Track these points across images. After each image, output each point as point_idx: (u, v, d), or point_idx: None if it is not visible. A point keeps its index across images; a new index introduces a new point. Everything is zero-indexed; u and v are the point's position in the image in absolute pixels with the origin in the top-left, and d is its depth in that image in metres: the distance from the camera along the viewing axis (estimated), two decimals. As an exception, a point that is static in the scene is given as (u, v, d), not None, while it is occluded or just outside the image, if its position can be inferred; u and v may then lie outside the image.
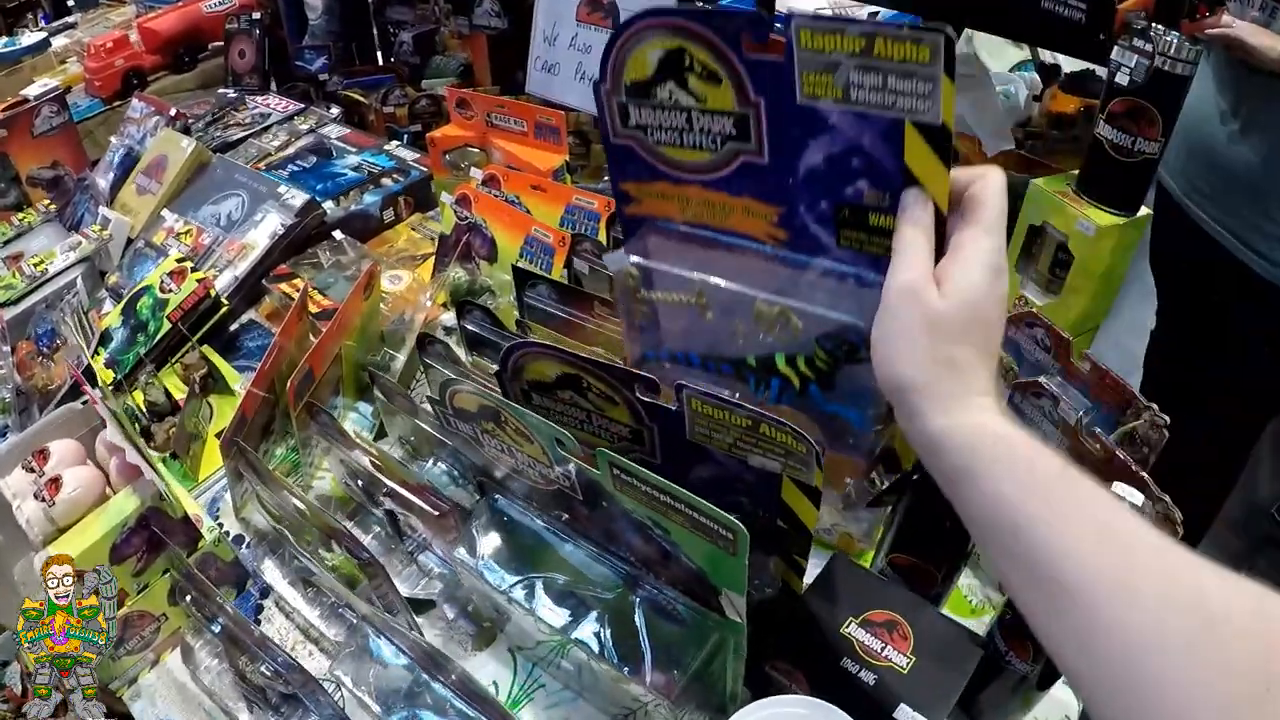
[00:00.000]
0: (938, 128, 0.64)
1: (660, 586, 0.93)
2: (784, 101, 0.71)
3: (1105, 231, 1.30)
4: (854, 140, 0.69)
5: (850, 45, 0.65)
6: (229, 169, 1.95)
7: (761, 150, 0.75)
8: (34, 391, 1.63)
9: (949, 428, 0.61)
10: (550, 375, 0.93)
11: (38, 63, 2.96)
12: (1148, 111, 1.24)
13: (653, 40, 0.74)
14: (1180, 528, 0.98)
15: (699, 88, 0.75)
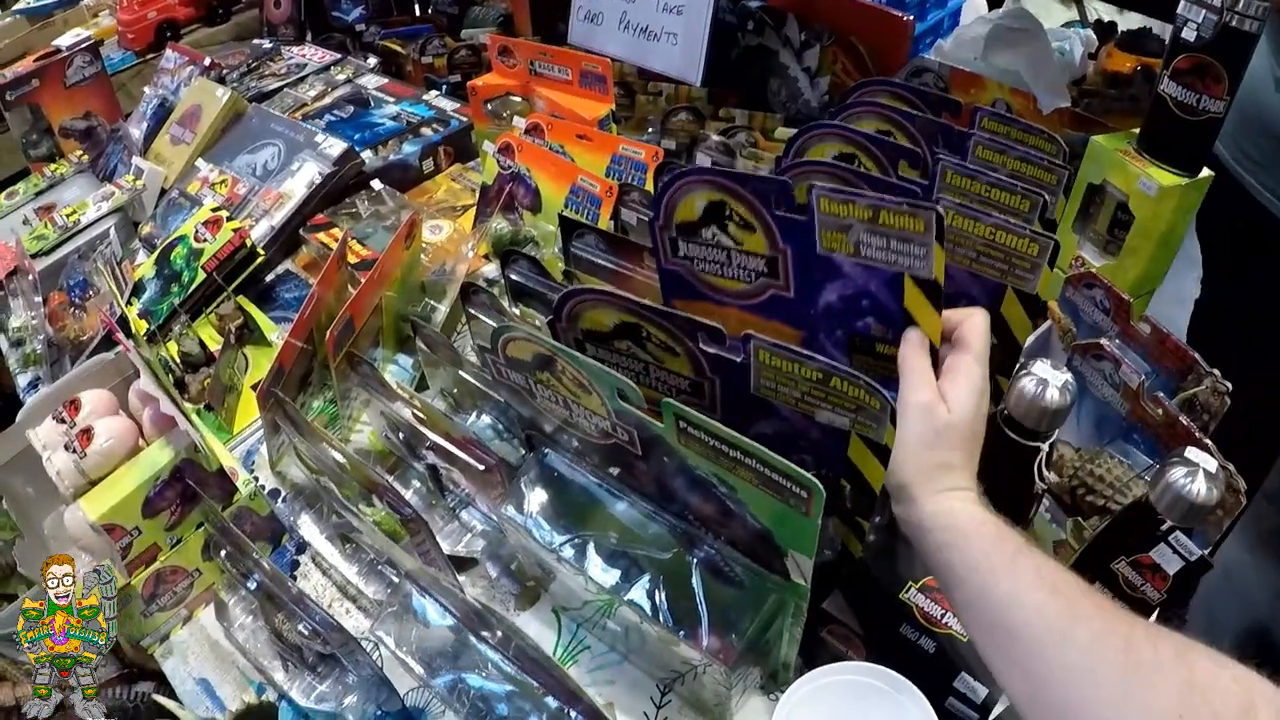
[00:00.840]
0: (930, 281, 0.79)
1: (719, 547, 0.87)
2: (807, 251, 0.84)
3: (1167, 191, 1.24)
4: (863, 286, 0.83)
5: (860, 213, 0.79)
6: (265, 118, 1.90)
7: (788, 286, 0.88)
8: (66, 343, 1.60)
9: (936, 511, 0.74)
10: (608, 324, 0.87)
11: (69, 16, 2.92)
12: (1214, 68, 1.18)
13: (699, 191, 0.87)
14: (1244, 497, 0.92)
15: (737, 233, 0.87)
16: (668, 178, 0.89)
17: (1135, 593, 0.83)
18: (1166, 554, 0.81)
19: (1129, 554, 0.83)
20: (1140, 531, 0.82)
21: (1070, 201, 1.38)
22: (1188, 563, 0.81)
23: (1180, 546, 0.80)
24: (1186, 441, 0.96)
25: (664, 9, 1.82)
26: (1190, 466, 0.79)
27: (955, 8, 3.38)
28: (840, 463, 0.83)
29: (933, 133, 1.08)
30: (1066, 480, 1.05)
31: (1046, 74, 1.61)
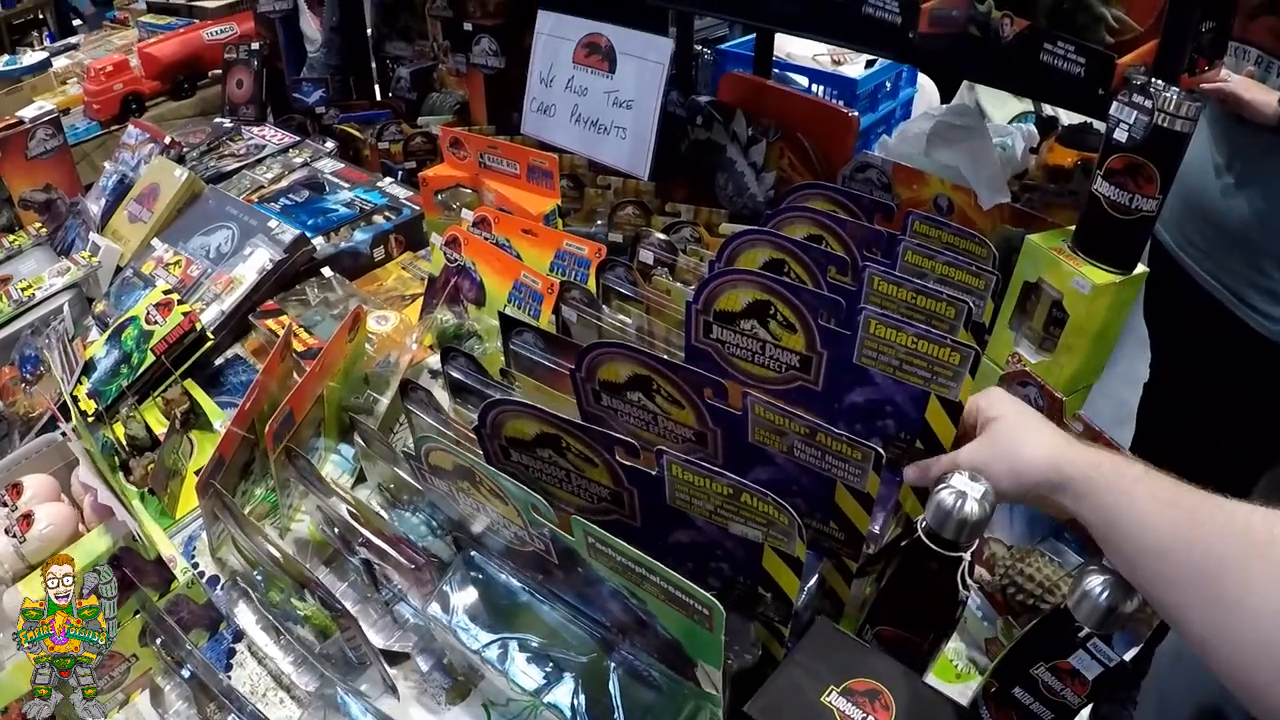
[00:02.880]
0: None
1: (636, 652, 0.91)
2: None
3: (1101, 290, 1.28)
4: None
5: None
6: (221, 200, 1.94)
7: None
8: (15, 418, 1.61)
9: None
10: (529, 434, 0.92)
11: (38, 82, 2.96)
12: (1146, 168, 1.21)
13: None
14: None
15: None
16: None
17: (1055, 697, 0.86)
18: (1085, 660, 0.84)
19: (1048, 659, 0.86)
20: (1059, 638, 0.85)
21: (1007, 298, 1.42)
22: (1106, 668, 0.84)
23: (1099, 653, 0.84)
24: None
25: (614, 103, 1.89)
26: (1107, 575, 0.82)
27: (906, 98, 3.51)
28: (756, 572, 0.87)
29: (864, 237, 1.13)
30: (998, 579, 1.10)
31: (987, 170, 1.67)
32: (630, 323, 1.27)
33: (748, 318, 0.99)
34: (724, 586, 0.89)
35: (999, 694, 0.90)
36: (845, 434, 0.84)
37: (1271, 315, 1.79)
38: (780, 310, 0.96)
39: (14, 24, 5.17)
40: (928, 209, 1.68)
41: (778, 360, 0.99)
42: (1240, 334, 1.83)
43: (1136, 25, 1.27)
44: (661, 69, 1.78)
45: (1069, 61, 1.29)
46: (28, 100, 2.85)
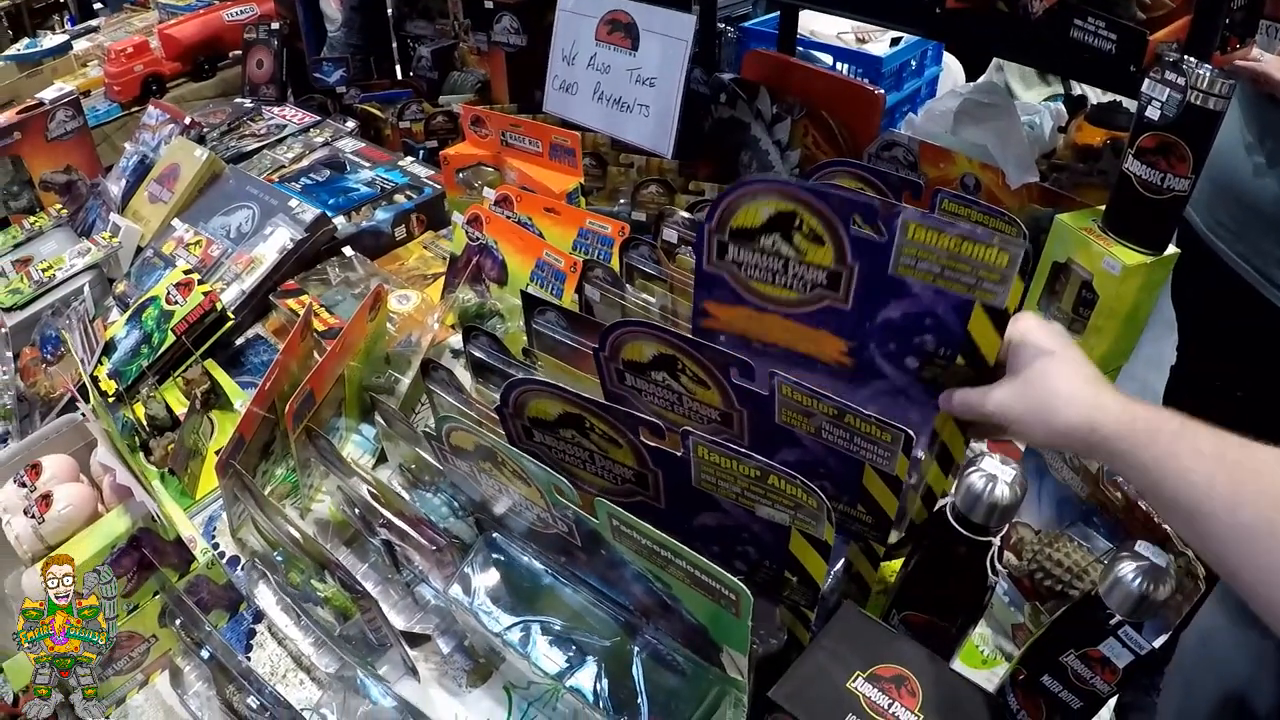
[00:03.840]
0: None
1: (660, 636, 0.89)
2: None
3: (1131, 271, 1.25)
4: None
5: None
6: (241, 180, 1.93)
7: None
8: (36, 399, 1.61)
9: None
10: (552, 414, 0.90)
11: (58, 65, 2.96)
12: (1178, 147, 1.18)
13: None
14: (1203, 582, 0.95)
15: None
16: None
17: (1085, 685, 0.85)
18: (1116, 648, 0.83)
19: (1078, 647, 0.85)
20: (1089, 625, 0.84)
21: (1035, 279, 1.40)
22: (1137, 656, 0.82)
23: (1130, 640, 0.82)
24: (1145, 526, 0.99)
25: (637, 81, 1.86)
26: (1140, 561, 0.80)
27: (931, 77, 3.47)
28: (783, 556, 0.85)
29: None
30: (1025, 564, 1.08)
31: (1015, 149, 1.65)
32: (654, 301, 1.25)
33: (769, 233, 0.89)
34: (750, 570, 0.87)
35: (1027, 681, 0.88)
36: (874, 415, 0.81)
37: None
38: (807, 221, 0.87)
39: (35, 7, 5.18)
40: (955, 188, 1.64)
41: (802, 279, 0.90)
42: (1269, 316, 1.80)
43: (1168, 1, 1.24)
44: (685, 45, 1.76)
45: (1100, 38, 1.26)
46: (49, 83, 2.85)
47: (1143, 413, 0.76)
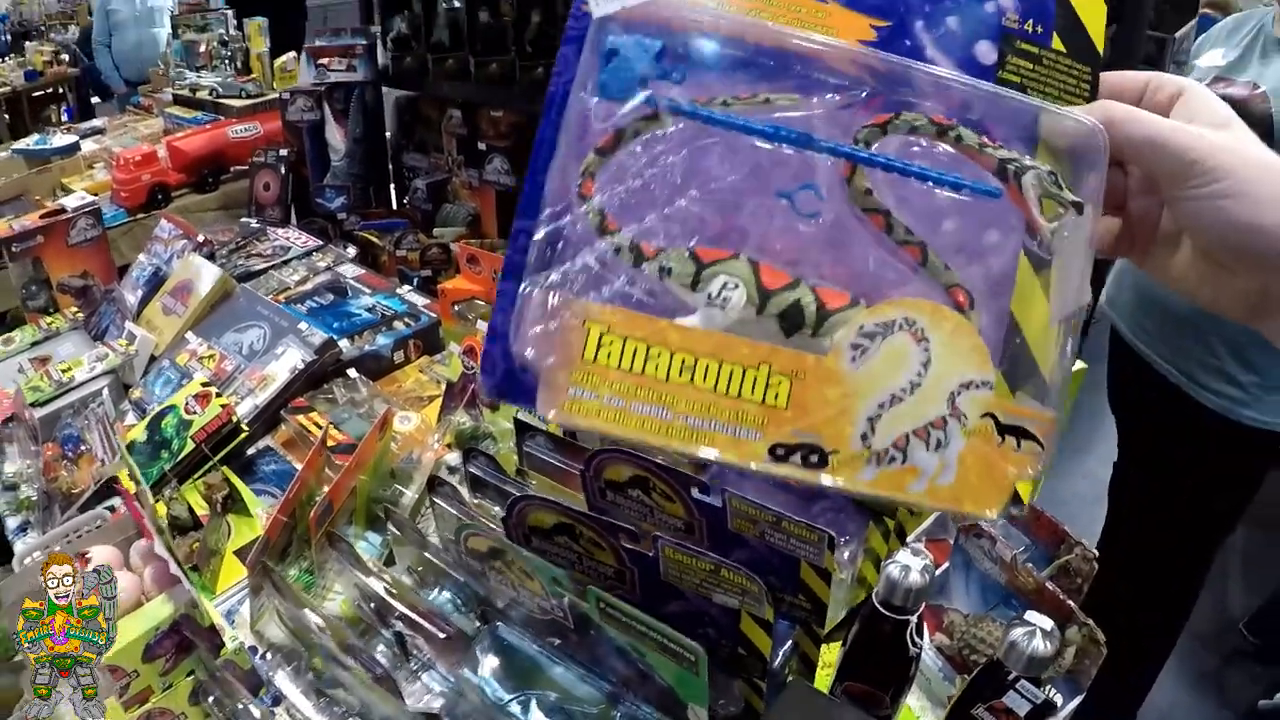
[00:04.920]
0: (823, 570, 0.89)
1: (638, 703, 1.14)
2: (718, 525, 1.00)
3: None
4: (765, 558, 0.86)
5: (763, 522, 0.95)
6: (252, 300, 2.19)
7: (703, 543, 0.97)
8: (57, 493, 1.83)
9: None
10: (548, 523, 1.15)
11: (66, 165, 3.22)
12: None
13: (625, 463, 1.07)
14: (1104, 648, 1.22)
15: (660, 500, 1.05)
16: (597, 451, 1.12)
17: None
18: (1016, 699, 1.06)
19: (985, 700, 1.08)
20: (994, 682, 1.08)
21: None
22: (1034, 705, 1.06)
23: (1026, 693, 1.05)
24: (1053, 604, 1.24)
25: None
26: (1028, 627, 1.05)
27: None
28: (735, 635, 1.08)
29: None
30: (955, 643, 1.33)
31: None
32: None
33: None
34: (711, 649, 1.12)
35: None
36: (804, 520, 1.00)
37: (1223, 393, 2.07)
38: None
39: (33, 97, 5.49)
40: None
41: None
42: (1195, 412, 2.12)
43: None
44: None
45: None
46: (56, 181, 3.12)
47: None
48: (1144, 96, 0.64)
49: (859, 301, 0.58)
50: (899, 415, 0.56)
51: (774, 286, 0.58)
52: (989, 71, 0.64)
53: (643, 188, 0.61)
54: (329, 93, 2.76)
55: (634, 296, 0.59)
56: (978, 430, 0.57)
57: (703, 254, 0.59)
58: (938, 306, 0.57)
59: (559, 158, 0.62)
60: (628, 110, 0.60)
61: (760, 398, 0.55)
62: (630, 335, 0.56)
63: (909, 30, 0.65)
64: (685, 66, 0.62)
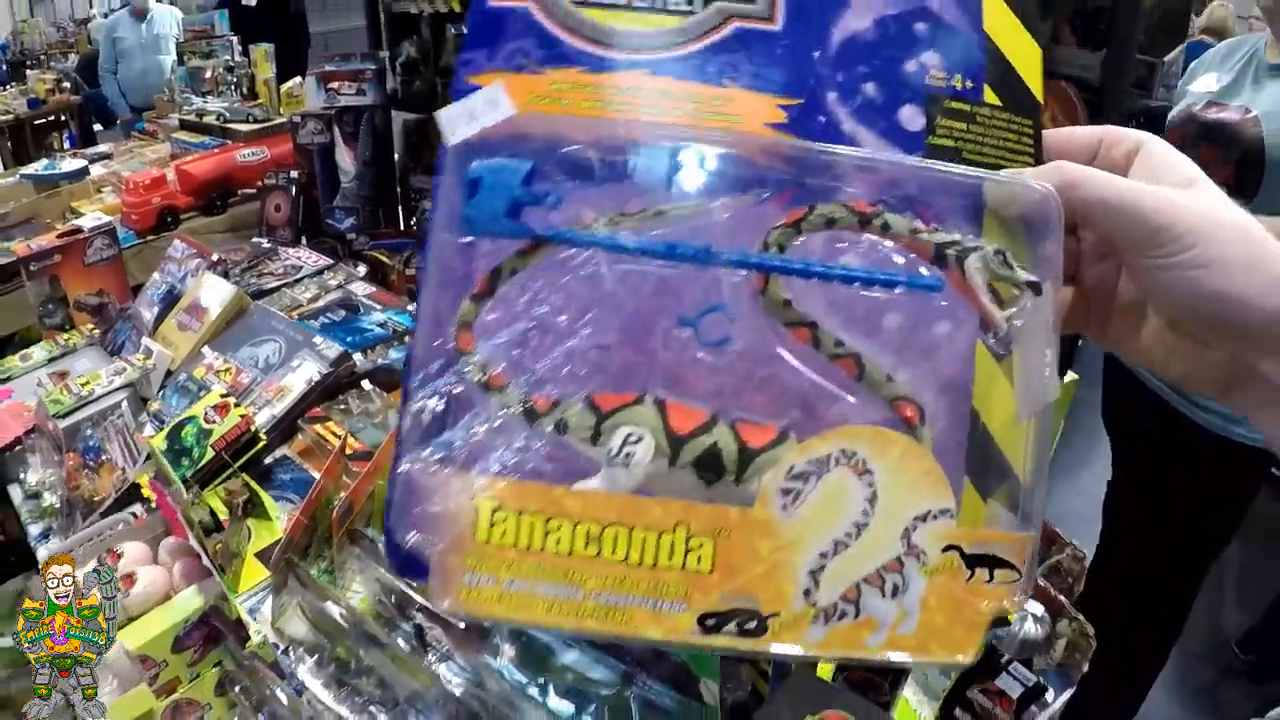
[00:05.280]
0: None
1: (651, 682, 1.22)
2: None
3: None
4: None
5: None
6: (266, 316, 2.27)
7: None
8: (79, 500, 1.91)
9: None
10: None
11: (75, 189, 3.31)
12: None
13: None
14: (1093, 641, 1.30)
15: None
16: None
17: (988, 714, 1.15)
18: (1008, 681, 1.13)
19: (979, 683, 1.16)
20: (987, 665, 1.15)
21: None
22: (1025, 688, 1.14)
23: (1018, 675, 1.13)
24: (1044, 598, 1.31)
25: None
26: (1020, 612, 1.12)
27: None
28: None
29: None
30: None
31: None
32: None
33: None
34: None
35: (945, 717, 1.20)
36: None
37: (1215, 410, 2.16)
38: None
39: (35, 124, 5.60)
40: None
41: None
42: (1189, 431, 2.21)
43: None
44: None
45: None
46: (65, 204, 3.22)
47: None
48: (1098, 153, 0.58)
49: (788, 435, 0.51)
50: (846, 563, 0.49)
51: (686, 431, 0.51)
52: (918, 139, 0.57)
53: (529, 333, 0.54)
54: (339, 116, 2.86)
55: (531, 461, 0.52)
56: (941, 567, 0.50)
57: (601, 402, 0.52)
58: (879, 431, 0.50)
59: (428, 310, 0.55)
60: (500, 246, 0.54)
61: (680, 563, 0.49)
62: (524, 509, 0.49)
63: (822, 105, 0.58)
64: (561, 186, 0.54)
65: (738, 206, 0.54)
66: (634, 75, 0.57)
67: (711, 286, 0.53)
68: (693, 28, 0.58)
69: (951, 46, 0.58)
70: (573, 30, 0.58)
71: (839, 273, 0.52)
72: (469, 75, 0.57)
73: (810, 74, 0.58)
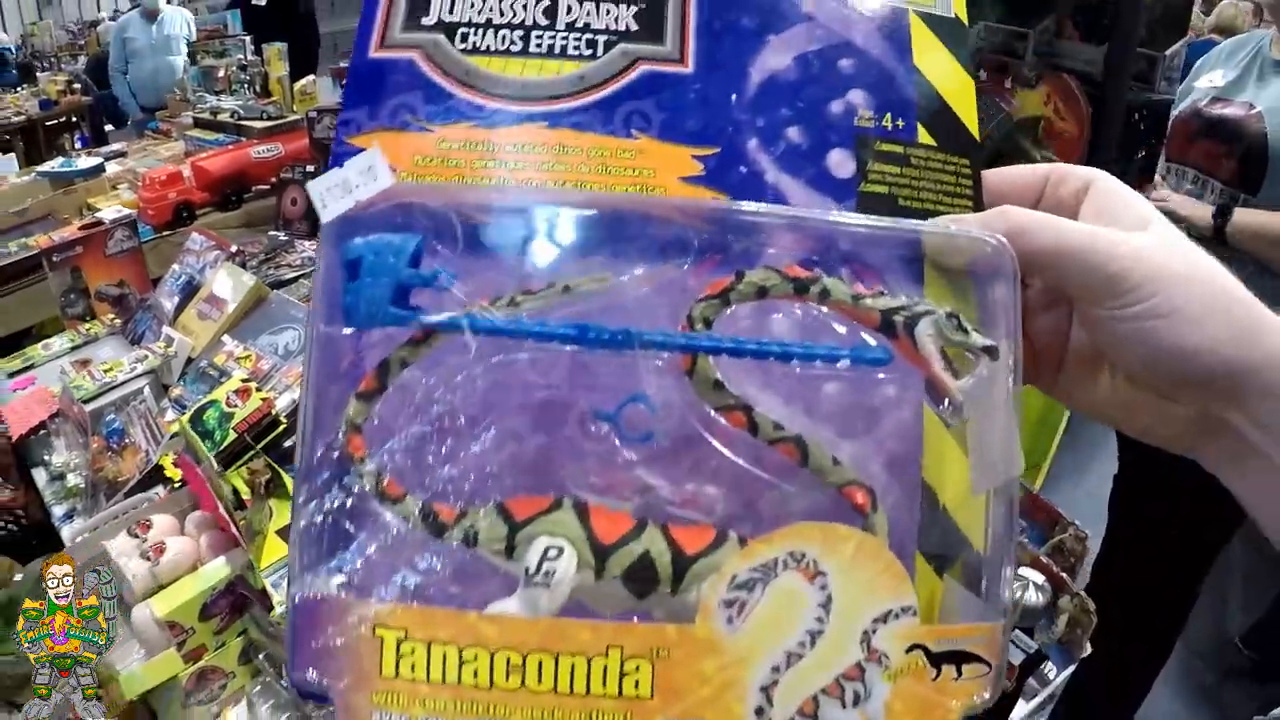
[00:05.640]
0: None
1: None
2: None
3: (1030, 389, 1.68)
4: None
5: None
6: (284, 305, 2.34)
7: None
8: (103, 482, 1.98)
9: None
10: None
11: (91, 186, 3.38)
12: None
13: None
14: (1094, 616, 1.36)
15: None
16: None
17: None
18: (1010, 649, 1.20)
19: None
20: None
21: None
22: (1027, 655, 1.19)
23: (1020, 643, 1.18)
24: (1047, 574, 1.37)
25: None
26: (1022, 580, 1.17)
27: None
28: None
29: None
30: None
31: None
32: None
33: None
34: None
35: None
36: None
37: None
38: None
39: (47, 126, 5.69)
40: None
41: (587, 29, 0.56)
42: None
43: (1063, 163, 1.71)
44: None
45: None
46: (82, 201, 3.29)
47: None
48: (1043, 193, 0.54)
49: (727, 535, 0.46)
50: (801, 675, 0.44)
51: (612, 539, 0.46)
52: (849, 186, 0.53)
53: (427, 433, 0.48)
54: (354, 113, 2.92)
55: (438, 582, 0.46)
56: (905, 669, 0.45)
57: (515, 508, 0.46)
58: (830, 528, 0.45)
59: (311, 410, 0.48)
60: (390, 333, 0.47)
61: (616, 689, 0.43)
62: (434, 638, 0.43)
63: (742, 154, 0.53)
64: (453, 262, 0.48)
65: (655, 277, 0.49)
66: (530, 129, 0.53)
67: (631, 370, 0.47)
68: (594, 73, 0.54)
69: (880, 83, 0.54)
70: (462, 82, 0.53)
71: (775, 350, 0.47)
72: (348, 136, 0.53)
73: (727, 120, 0.53)
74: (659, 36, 0.54)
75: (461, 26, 0.54)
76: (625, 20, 0.54)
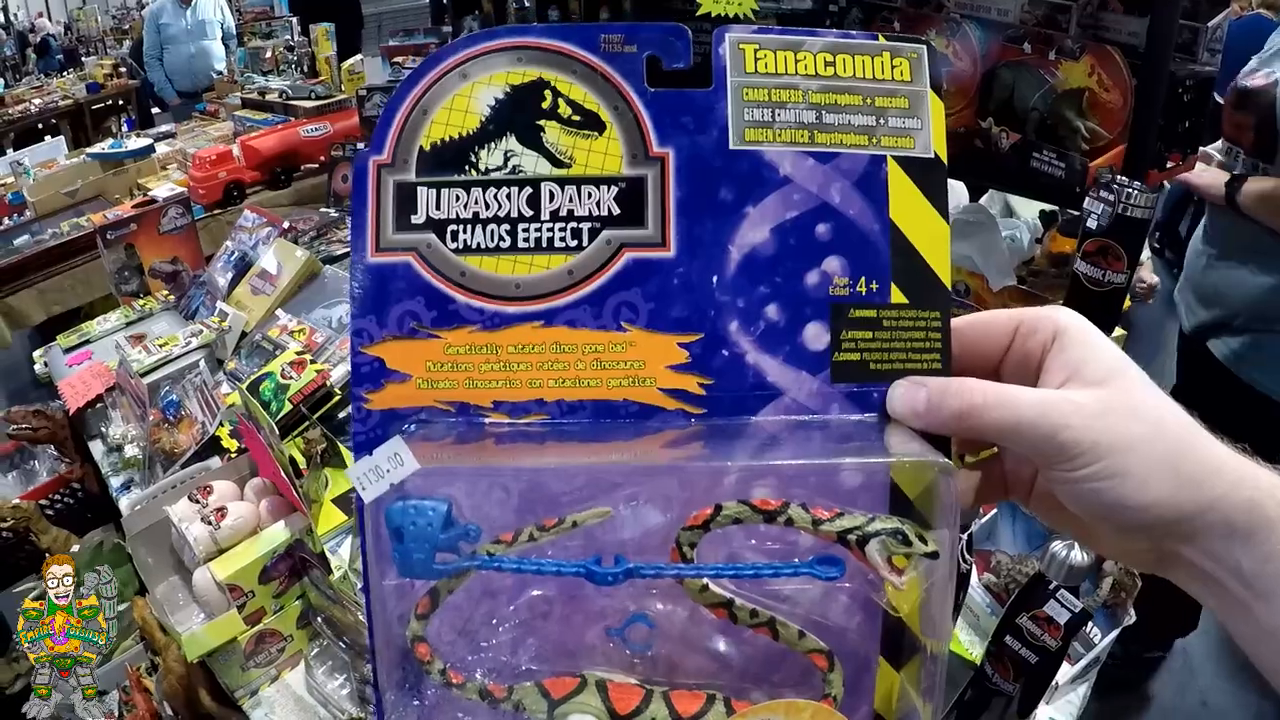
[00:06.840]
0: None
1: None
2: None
3: None
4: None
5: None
6: (337, 279, 2.39)
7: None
8: (160, 454, 2.04)
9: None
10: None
11: (141, 166, 3.46)
12: (1114, 249, 1.54)
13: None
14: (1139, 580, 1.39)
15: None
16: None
17: (1037, 641, 1.20)
18: (1056, 608, 1.18)
19: (1029, 610, 1.22)
20: (1036, 593, 1.21)
21: None
22: (1073, 614, 1.19)
23: (1066, 601, 1.19)
24: None
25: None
26: (1066, 540, 1.18)
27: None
28: None
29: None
30: (1002, 580, 1.50)
31: (995, 258, 2.09)
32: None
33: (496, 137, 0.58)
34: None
35: (997, 648, 1.26)
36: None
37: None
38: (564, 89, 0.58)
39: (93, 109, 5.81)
40: (949, 292, 2.14)
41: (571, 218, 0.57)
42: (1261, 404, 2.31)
43: (1106, 134, 1.72)
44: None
45: (1052, 166, 1.78)
46: (132, 181, 3.37)
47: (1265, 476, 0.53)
48: (1013, 344, 0.58)
49: (714, 699, 0.55)
50: None
51: (627, 710, 0.55)
52: (823, 359, 0.57)
53: (473, 634, 0.57)
54: (404, 89, 2.97)
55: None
56: None
57: (552, 687, 0.56)
58: (792, 704, 0.53)
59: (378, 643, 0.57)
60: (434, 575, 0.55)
61: None
62: None
63: (724, 338, 0.57)
64: (479, 515, 0.54)
65: (648, 521, 0.55)
66: (527, 330, 0.56)
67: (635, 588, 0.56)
68: (582, 266, 0.57)
69: (855, 246, 0.57)
70: (459, 284, 0.57)
71: (749, 573, 0.54)
72: (363, 347, 0.57)
73: (709, 304, 0.56)
74: (640, 219, 0.57)
75: (451, 224, 0.57)
76: (607, 204, 0.57)
